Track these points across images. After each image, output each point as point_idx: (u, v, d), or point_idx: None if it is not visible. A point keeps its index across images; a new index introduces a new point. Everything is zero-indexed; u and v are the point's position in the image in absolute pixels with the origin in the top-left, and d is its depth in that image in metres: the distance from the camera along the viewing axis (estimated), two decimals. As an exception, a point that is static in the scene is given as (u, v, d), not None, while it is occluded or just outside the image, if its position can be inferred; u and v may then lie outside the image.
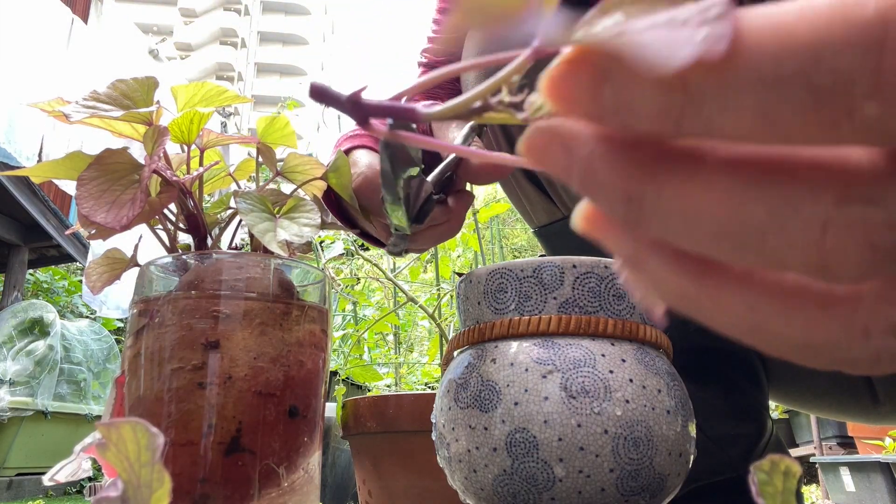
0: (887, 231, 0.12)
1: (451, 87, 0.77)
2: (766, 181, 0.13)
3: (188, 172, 0.56)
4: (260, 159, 0.60)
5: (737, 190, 0.13)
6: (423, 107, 0.15)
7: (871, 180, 0.12)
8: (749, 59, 0.11)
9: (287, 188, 0.60)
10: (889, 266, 0.13)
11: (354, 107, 0.15)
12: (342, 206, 0.63)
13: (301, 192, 0.59)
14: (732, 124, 0.12)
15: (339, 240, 1.46)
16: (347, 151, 0.63)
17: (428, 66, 0.84)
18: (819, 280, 0.13)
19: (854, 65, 0.11)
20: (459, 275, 0.53)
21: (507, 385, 0.43)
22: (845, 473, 2.31)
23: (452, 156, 0.50)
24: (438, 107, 0.15)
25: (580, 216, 0.16)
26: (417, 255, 1.39)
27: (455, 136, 0.55)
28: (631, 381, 0.42)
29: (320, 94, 0.15)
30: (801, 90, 0.11)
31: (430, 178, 0.49)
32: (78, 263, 4.51)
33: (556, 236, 0.79)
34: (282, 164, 0.61)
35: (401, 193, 0.45)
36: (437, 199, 0.50)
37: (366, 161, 0.58)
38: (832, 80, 0.11)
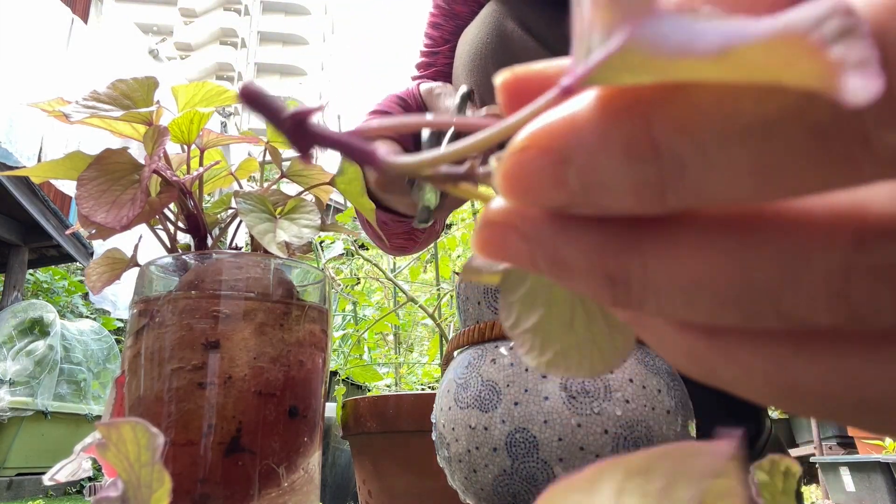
0: None
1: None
2: (770, 234, 0.11)
3: (188, 172, 0.56)
4: (268, 158, 0.60)
5: (736, 248, 0.11)
6: (382, 153, 0.13)
7: (891, 214, 0.10)
8: (721, 104, 0.10)
9: (286, 189, 0.60)
10: None
11: (296, 129, 0.12)
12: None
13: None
14: (727, 188, 0.10)
15: (339, 240, 1.46)
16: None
17: (421, 79, 0.84)
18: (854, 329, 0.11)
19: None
20: (459, 275, 0.53)
21: (507, 385, 0.43)
22: (845, 473, 2.31)
23: (452, 128, 0.51)
24: (400, 158, 0.13)
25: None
26: (417, 255, 1.39)
27: (449, 103, 0.55)
28: (631, 381, 0.42)
29: (252, 100, 0.12)
30: (798, 132, 0.09)
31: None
32: (78, 263, 4.51)
33: None
34: (287, 165, 0.61)
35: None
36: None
37: (383, 150, 0.60)
38: (830, 111, 0.09)
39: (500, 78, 0.13)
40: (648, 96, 0.10)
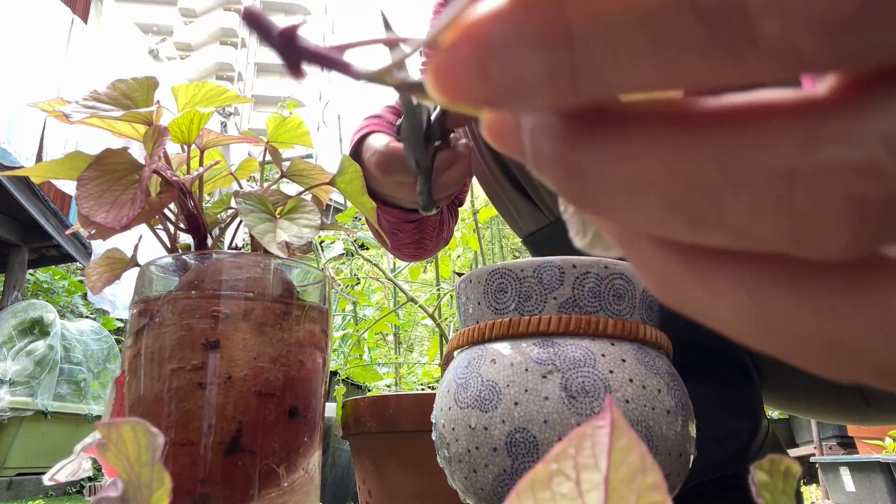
0: (872, 179, 0.09)
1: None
2: (715, 131, 0.11)
3: (188, 172, 0.56)
4: (268, 158, 0.60)
5: (680, 144, 0.11)
6: (356, 65, 0.13)
7: (844, 115, 0.10)
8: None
9: (286, 189, 0.60)
10: (888, 230, 0.10)
11: (286, 44, 0.13)
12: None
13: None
14: (630, 74, 0.10)
15: (339, 240, 1.46)
16: (361, 140, 0.71)
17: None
18: (805, 256, 0.11)
19: None
20: (459, 275, 0.53)
21: (507, 385, 0.43)
22: (845, 473, 2.31)
23: (438, 108, 0.59)
24: (368, 67, 0.14)
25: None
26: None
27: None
28: (631, 381, 0.42)
29: (254, 22, 0.14)
30: (689, 18, 0.09)
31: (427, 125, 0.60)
32: (78, 263, 4.51)
33: (546, 243, 0.79)
34: (287, 164, 0.61)
35: (420, 129, 0.58)
36: (437, 145, 0.60)
37: (381, 142, 0.66)
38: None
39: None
40: None
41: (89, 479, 2.77)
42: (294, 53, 0.13)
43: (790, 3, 0.09)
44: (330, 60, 0.13)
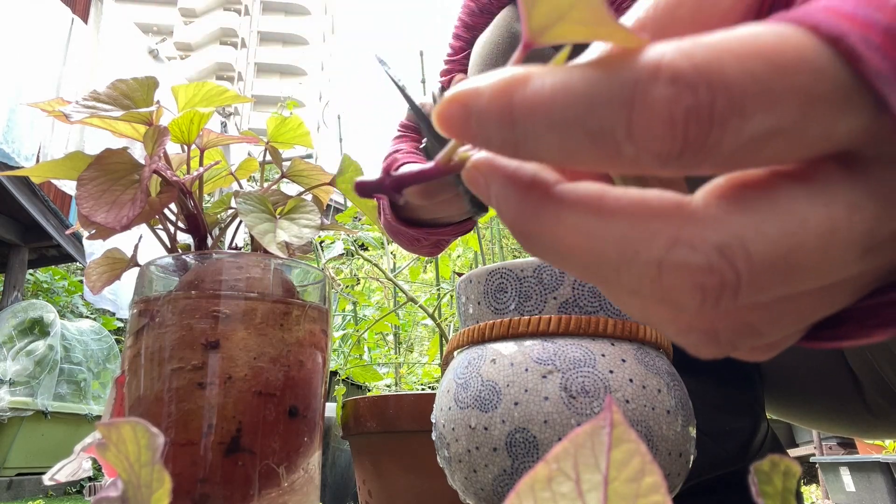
0: (710, 276, 0.14)
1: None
2: (617, 221, 0.15)
3: (188, 172, 0.56)
4: (268, 158, 0.60)
5: (593, 230, 0.16)
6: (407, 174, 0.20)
7: (696, 226, 0.15)
8: (544, 109, 0.15)
9: (286, 189, 0.60)
10: (724, 303, 0.15)
11: (394, 185, 0.20)
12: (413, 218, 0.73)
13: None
14: (549, 154, 0.15)
15: (339, 240, 1.46)
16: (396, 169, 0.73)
17: (447, 82, 0.95)
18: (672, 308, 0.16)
19: (613, 117, 0.14)
20: (459, 275, 0.53)
21: (507, 385, 0.43)
22: (845, 473, 2.31)
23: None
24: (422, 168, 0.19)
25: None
26: (417, 255, 1.39)
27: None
28: (631, 381, 0.42)
29: (365, 189, 0.20)
30: (580, 132, 0.14)
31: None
32: (78, 263, 4.51)
33: None
34: (287, 165, 0.61)
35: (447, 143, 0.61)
36: None
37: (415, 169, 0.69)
38: (599, 125, 0.14)
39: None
40: (513, 95, 0.15)
41: (89, 479, 2.77)
42: (399, 185, 0.20)
43: (640, 140, 0.14)
44: (417, 178, 0.19)
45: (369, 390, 1.52)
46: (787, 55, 0.13)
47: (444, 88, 0.63)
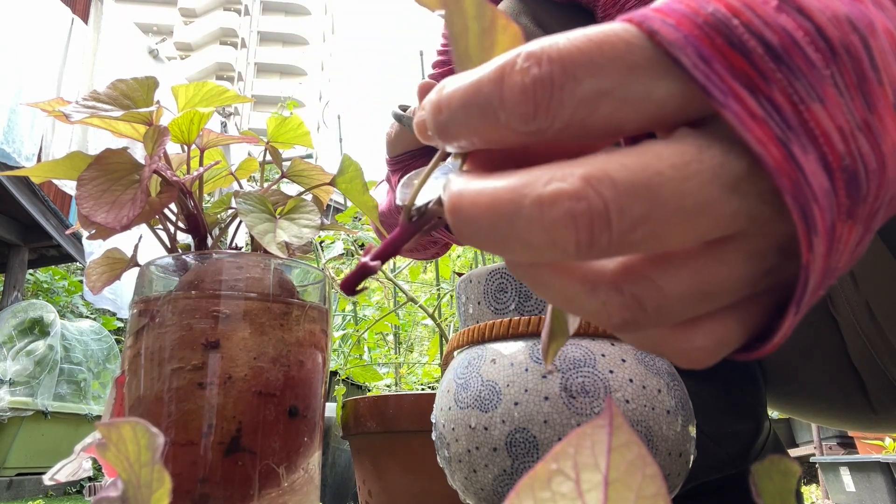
0: (576, 201, 0.16)
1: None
2: (505, 177, 0.18)
3: (188, 172, 0.56)
4: (268, 158, 0.60)
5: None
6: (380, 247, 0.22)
7: (571, 165, 0.17)
8: (457, 95, 0.19)
9: (287, 189, 0.60)
10: (599, 236, 0.17)
11: (372, 268, 0.21)
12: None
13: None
14: (461, 130, 0.19)
15: (339, 240, 1.46)
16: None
17: (435, 77, 0.94)
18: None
19: (491, 92, 0.18)
20: (459, 275, 0.53)
21: (507, 385, 0.43)
22: (845, 473, 2.31)
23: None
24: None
25: None
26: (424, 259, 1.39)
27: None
28: (631, 381, 0.42)
29: (350, 286, 0.22)
30: (475, 108, 0.18)
31: None
32: (78, 263, 4.51)
33: None
34: (287, 165, 0.61)
35: None
36: None
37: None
38: (485, 100, 0.18)
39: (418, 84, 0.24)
40: (441, 91, 0.20)
41: (89, 479, 2.77)
42: (382, 259, 0.21)
43: (508, 105, 0.18)
44: (394, 247, 0.21)
45: (369, 390, 1.52)
46: (608, 35, 0.17)
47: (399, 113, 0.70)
